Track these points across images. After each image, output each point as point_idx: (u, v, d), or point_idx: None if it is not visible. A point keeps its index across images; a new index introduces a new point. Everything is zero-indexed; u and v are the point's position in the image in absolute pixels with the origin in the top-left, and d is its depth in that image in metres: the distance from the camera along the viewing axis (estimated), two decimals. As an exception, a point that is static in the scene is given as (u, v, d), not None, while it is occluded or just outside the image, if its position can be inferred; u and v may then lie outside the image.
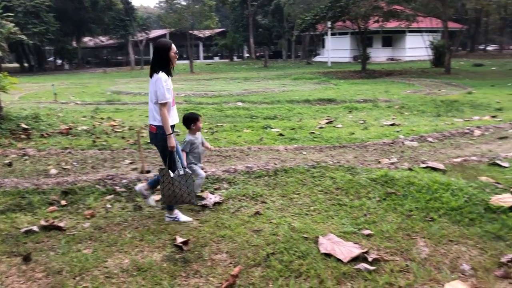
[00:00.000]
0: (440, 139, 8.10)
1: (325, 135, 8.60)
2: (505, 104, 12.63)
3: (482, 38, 64.65)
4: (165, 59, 4.09)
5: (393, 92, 16.99)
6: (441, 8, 26.90)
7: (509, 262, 3.41)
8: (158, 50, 4.09)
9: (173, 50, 4.10)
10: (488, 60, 38.38)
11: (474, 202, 4.51)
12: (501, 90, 16.87)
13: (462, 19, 39.64)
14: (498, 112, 11.37)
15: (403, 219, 4.25)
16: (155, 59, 4.08)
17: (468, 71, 28.57)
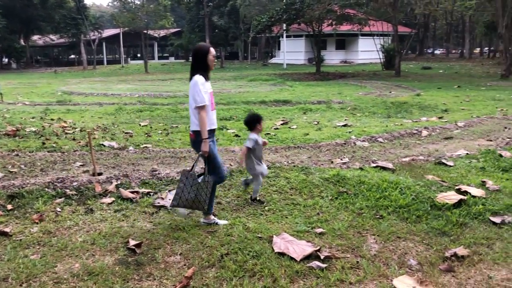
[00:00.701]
0: (390, 139, 8.38)
1: (280, 136, 8.70)
2: (451, 106, 13.23)
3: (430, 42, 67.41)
4: (203, 63, 4.00)
5: (346, 94, 17.40)
6: (392, 12, 27.85)
7: (453, 256, 3.59)
8: (197, 54, 4.00)
9: (211, 53, 4.00)
10: (435, 64, 40.07)
11: (421, 199, 4.70)
12: (447, 92, 17.66)
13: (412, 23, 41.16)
14: (444, 113, 11.89)
15: (354, 217, 4.37)
16: (195, 63, 4.00)
17: (417, 73, 29.71)
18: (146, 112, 12.46)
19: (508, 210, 4.45)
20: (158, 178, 5.51)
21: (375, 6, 31.55)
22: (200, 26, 55.99)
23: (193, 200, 3.96)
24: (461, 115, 11.39)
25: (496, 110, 12.07)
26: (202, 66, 3.99)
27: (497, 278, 3.28)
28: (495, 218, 4.25)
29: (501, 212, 4.38)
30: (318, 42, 31.62)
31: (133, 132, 9.23)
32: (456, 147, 7.62)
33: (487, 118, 10.76)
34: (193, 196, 3.95)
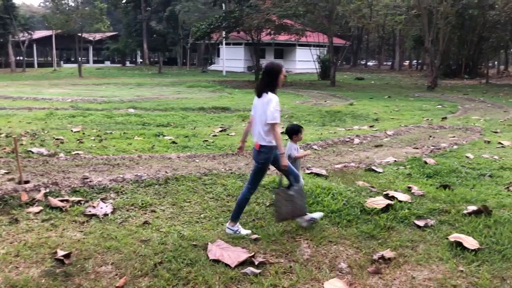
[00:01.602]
0: (324, 146, 8.64)
1: (218, 143, 8.71)
2: (381, 115, 13.88)
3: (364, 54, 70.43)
4: (276, 81, 4.10)
5: (284, 102, 17.70)
6: (327, 24, 28.79)
7: (380, 259, 3.76)
8: (271, 72, 4.11)
9: (283, 73, 4.14)
10: (368, 75, 41.87)
11: (351, 204, 4.89)
12: (378, 102, 18.50)
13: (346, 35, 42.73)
14: (375, 122, 12.45)
15: (288, 223, 4.46)
16: (267, 80, 4.10)
17: (351, 84, 30.89)
18: (79, 117, 12.00)
19: (431, 213, 4.73)
20: (90, 186, 5.33)
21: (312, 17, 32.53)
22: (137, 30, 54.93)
23: (292, 210, 4.18)
24: (391, 124, 11.98)
25: (423, 120, 12.82)
26: (274, 84, 4.11)
27: (420, 278, 3.48)
28: (419, 221, 4.51)
29: (425, 216, 4.65)
30: (257, 50, 32.04)
31: (64, 138, 8.85)
32: (385, 155, 7.99)
33: (414, 127, 11.40)
34: (291, 207, 4.16)
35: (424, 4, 26.27)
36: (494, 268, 3.61)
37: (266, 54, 45.83)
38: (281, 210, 4.19)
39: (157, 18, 54.94)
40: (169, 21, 52.33)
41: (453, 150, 8.33)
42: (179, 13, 46.55)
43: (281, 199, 4.18)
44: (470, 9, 32.17)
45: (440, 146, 8.69)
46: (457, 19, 32.45)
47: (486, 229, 4.28)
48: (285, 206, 4.17)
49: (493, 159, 7.50)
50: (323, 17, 29.20)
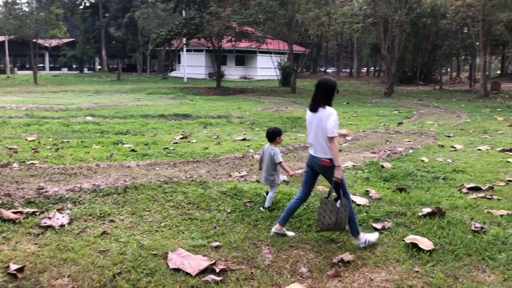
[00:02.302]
0: (285, 152, 8.72)
1: (179, 151, 8.63)
2: (340, 121, 14.02)
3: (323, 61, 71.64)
4: (332, 96, 4.22)
5: (245, 108, 17.80)
6: (287, 32, 29.18)
7: (340, 262, 3.83)
8: (327, 88, 4.21)
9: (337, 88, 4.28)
10: (328, 81, 42.55)
11: (312, 209, 4.96)
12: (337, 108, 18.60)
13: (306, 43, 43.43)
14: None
15: (250, 229, 4.48)
16: (324, 95, 4.18)
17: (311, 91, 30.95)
18: (34, 126, 11.60)
19: (388, 216, 4.87)
20: (46, 197, 5.16)
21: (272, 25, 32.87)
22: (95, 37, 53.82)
23: (335, 223, 4.11)
24: (349, 129, 12.21)
25: (380, 125, 13.18)
26: (330, 98, 4.22)
27: (378, 280, 3.57)
28: (376, 224, 4.63)
29: (382, 219, 4.78)
30: (218, 57, 32.04)
31: (18, 147, 8.54)
32: (344, 159, 8.15)
33: (372, 132, 11.69)
34: (334, 220, 4.10)
35: (380, 12, 27.09)
36: (447, 268, 3.75)
37: (227, 61, 45.92)
38: (324, 221, 4.16)
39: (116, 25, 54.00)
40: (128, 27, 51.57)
41: (409, 154, 8.60)
42: (138, 20, 45.97)
43: (327, 210, 4.14)
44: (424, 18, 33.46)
45: (397, 150, 8.95)
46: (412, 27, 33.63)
47: (440, 230, 4.44)
48: (329, 217, 4.13)
49: (446, 162, 7.79)
50: (283, 25, 29.57)
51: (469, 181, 6.57)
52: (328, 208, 4.12)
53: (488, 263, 3.82)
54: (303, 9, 27.92)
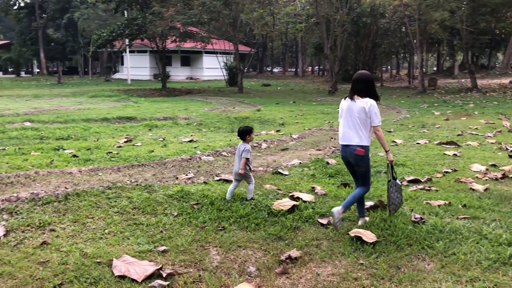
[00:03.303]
0: (233, 152, 8.69)
1: (123, 154, 8.41)
2: (287, 120, 14.35)
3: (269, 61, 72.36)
4: (373, 88, 4.44)
5: (192, 109, 17.64)
6: (232, 32, 29.20)
7: (287, 259, 3.87)
8: (368, 81, 4.43)
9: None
10: (274, 81, 43.12)
11: (259, 208, 4.98)
12: (283, 107, 19.12)
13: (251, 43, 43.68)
14: (281, 127, 12.85)
15: (197, 231, 4.43)
16: (365, 88, 4.38)
17: (258, 90, 31.57)
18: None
19: (333, 211, 4.97)
20: (-22, 209, 4.85)
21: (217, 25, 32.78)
22: (32, 38, 51.47)
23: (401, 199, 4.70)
24: (296, 128, 12.42)
25: (324, 123, 13.47)
26: (372, 91, 4.42)
27: (324, 274, 3.63)
28: (322, 219, 4.72)
29: (327, 214, 4.87)
30: (163, 58, 31.54)
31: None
32: (291, 157, 8.26)
33: (317, 130, 11.94)
34: (401, 197, 4.68)
35: (322, 12, 27.70)
36: (390, 259, 3.88)
37: (172, 61, 45.31)
38: (395, 202, 4.61)
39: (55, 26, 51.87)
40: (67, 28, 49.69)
41: (353, 150, 8.83)
42: (78, 21, 44.39)
43: (394, 191, 4.56)
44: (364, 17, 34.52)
45: (341, 146, 9.17)
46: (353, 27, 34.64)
47: (383, 223, 4.59)
48: (397, 197, 4.60)
49: (388, 157, 8.08)
50: (228, 25, 29.56)
51: (409, 174, 6.86)
52: (394, 190, 4.58)
53: (427, 251, 3.99)
54: (247, 9, 28.06)
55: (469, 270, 3.65)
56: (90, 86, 33.94)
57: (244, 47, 44.22)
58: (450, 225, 4.51)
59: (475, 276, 3.55)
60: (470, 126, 12.11)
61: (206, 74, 46.08)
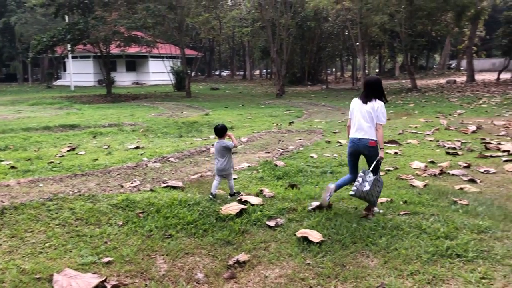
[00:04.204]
0: (181, 158, 8.63)
1: (65, 164, 8.10)
2: (236, 123, 14.37)
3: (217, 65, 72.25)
4: (382, 90, 5.03)
5: (138, 115, 17.29)
6: (178, 36, 28.92)
7: (236, 263, 3.87)
8: (377, 84, 5.02)
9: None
10: (222, 85, 43.09)
11: (207, 213, 4.95)
12: (232, 111, 19.14)
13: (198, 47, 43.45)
14: (230, 130, 12.81)
15: (144, 240, 4.34)
16: (374, 90, 4.97)
17: (206, 94, 31.44)
18: None
19: (280, 213, 5.03)
20: None
21: (162, 29, 32.32)
22: (-36, 44, 48.60)
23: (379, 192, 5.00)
24: (244, 131, 12.47)
25: (273, 125, 13.61)
26: (380, 92, 5.00)
27: (272, 276, 3.66)
28: (270, 222, 4.76)
29: (275, 216, 4.93)
30: (107, 63, 30.72)
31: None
32: (240, 161, 8.28)
33: (266, 132, 12.03)
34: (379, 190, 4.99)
35: (267, 17, 28.00)
36: (335, 257, 3.97)
37: (118, 66, 44.25)
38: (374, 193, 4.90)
39: (-11, 31, 49.22)
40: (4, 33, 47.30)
41: (300, 151, 8.99)
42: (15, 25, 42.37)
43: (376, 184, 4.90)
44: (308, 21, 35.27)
45: (288, 149, 9.30)
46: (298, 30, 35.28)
47: (328, 222, 4.70)
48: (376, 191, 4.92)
49: (333, 157, 8.28)
50: (173, 29, 29.25)
51: (353, 173, 7.04)
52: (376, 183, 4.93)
53: (371, 248, 4.12)
54: (192, 13, 27.89)
55: (410, 264, 3.80)
56: (30, 94, 32.49)
57: (191, 51, 43.91)
58: (392, 221, 4.68)
59: (415, 270, 3.70)
60: (410, 125, 12.64)
61: (152, 79, 45.34)
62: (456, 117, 14.24)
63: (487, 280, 3.52)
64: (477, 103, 18.64)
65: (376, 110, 4.91)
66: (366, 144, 4.95)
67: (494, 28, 37.76)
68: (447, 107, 17.70)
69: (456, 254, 3.94)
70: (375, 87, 5.01)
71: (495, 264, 3.77)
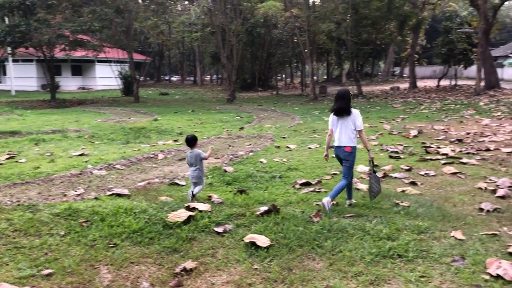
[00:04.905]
0: (128, 165, 8.44)
1: (4, 173, 7.71)
2: (185, 129, 14.24)
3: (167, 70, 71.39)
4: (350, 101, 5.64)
5: (84, 121, 16.77)
6: (125, 40, 28.36)
7: (182, 271, 3.82)
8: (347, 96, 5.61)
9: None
10: (172, 90, 42.58)
11: (153, 221, 4.86)
12: (182, 116, 18.96)
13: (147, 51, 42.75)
14: (179, 136, 12.71)
15: (87, 250, 4.20)
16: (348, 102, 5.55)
17: (156, 99, 30.97)
18: None
19: (229, 219, 5.02)
20: None
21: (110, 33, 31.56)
22: None
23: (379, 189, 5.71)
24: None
25: (223, 131, 13.60)
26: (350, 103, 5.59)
27: (219, 283, 3.65)
28: (218, 228, 4.74)
29: (224, 222, 4.91)
30: (51, 67, 29.56)
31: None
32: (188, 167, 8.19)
33: (216, 138, 12.01)
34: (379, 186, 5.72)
35: (217, 22, 28.03)
36: (283, 261, 4.01)
37: (62, 71, 42.67)
38: (374, 190, 5.62)
39: None
40: None
41: (249, 157, 9.04)
42: None
43: (373, 182, 5.61)
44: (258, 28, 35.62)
45: (238, 154, 9.32)
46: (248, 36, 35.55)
47: (276, 226, 4.74)
48: (376, 186, 5.60)
49: (282, 162, 8.39)
50: (121, 33, 28.64)
51: (301, 177, 7.17)
52: (374, 180, 5.62)
53: (317, 251, 4.20)
54: (141, 18, 27.44)
55: (354, 266, 3.90)
56: (-35, 99, 30.69)
57: (140, 55, 43.10)
58: (337, 224, 4.79)
59: (359, 271, 3.81)
60: (356, 130, 13.01)
61: (100, 84, 44.05)
62: (399, 122, 14.83)
63: (426, 279, 3.67)
64: (418, 108, 19.51)
65: (355, 119, 5.52)
66: (344, 150, 5.52)
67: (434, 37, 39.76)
68: (390, 112, 18.38)
69: (397, 254, 4.09)
70: (348, 99, 5.59)
71: (433, 263, 3.94)
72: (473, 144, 10.18)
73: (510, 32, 66.67)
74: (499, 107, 18.70)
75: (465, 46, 31.04)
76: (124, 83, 34.01)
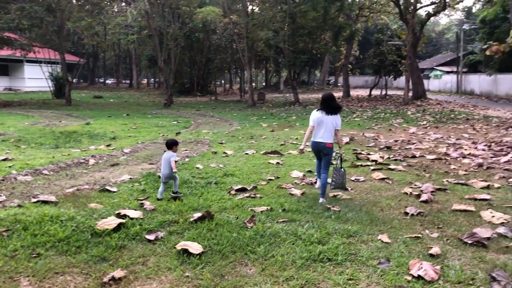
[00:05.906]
0: (56, 170, 8.04)
1: None
2: (119, 133, 13.83)
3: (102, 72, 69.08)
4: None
5: (9, 124, 15.80)
6: (57, 40, 27.13)
7: (111, 281, 3.69)
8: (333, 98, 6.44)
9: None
10: (107, 93, 41.28)
11: (81, 229, 4.66)
12: (116, 120, 18.40)
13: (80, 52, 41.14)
14: (113, 141, 12.32)
15: (6, 262, 3.94)
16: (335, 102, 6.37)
17: (89, 102, 29.86)
18: None
19: (161, 226, 4.92)
20: None
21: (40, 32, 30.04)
22: None
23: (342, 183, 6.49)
24: (128, 141, 12.04)
25: (159, 136, 13.36)
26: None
27: (149, 291, 3.56)
28: (150, 235, 4.63)
29: (156, 229, 4.81)
30: (-27, 66, 27.68)
31: None
32: (121, 173, 7.96)
33: (151, 143, 11.76)
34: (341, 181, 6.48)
35: (154, 25, 27.56)
36: (215, 268, 3.99)
37: (-14, 70, 40.09)
38: (338, 181, 6.45)
39: None
40: None
41: (185, 162, 8.93)
42: None
43: (338, 175, 6.43)
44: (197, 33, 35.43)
45: (174, 160, 9.17)
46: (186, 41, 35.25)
47: (209, 233, 4.71)
48: (338, 179, 6.43)
49: (218, 168, 8.36)
50: (52, 33, 27.37)
51: (237, 183, 7.18)
52: (338, 174, 6.44)
53: (249, 257, 4.21)
54: (74, 17, 26.35)
55: (286, 270, 3.96)
56: None
57: (73, 56, 41.41)
58: (270, 229, 4.84)
59: (290, 275, 3.86)
60: (291, 136, 13.27)
61: (28, 85, 41.80)
62: (333, 129, 15.28)
63: (353, 281, 3.80)
64: (351, 116, 20.25)
65: (337, 118, 6.30)
66: (325, 146, 6.28)
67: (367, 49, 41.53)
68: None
69: (327, 258, 4.20)
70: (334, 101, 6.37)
71: (361, 266, 4.09)
72: (401, 151, 10.71)
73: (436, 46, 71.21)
74: (425, 116, 19.87)
75: (395, 57, 32.69)
76: (55, 85, 32.54)
